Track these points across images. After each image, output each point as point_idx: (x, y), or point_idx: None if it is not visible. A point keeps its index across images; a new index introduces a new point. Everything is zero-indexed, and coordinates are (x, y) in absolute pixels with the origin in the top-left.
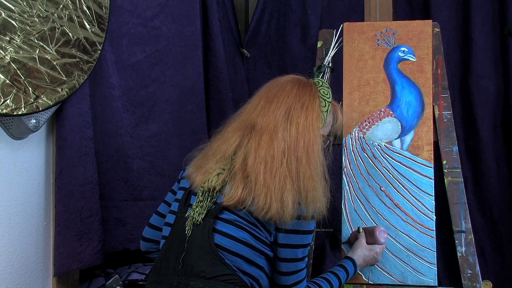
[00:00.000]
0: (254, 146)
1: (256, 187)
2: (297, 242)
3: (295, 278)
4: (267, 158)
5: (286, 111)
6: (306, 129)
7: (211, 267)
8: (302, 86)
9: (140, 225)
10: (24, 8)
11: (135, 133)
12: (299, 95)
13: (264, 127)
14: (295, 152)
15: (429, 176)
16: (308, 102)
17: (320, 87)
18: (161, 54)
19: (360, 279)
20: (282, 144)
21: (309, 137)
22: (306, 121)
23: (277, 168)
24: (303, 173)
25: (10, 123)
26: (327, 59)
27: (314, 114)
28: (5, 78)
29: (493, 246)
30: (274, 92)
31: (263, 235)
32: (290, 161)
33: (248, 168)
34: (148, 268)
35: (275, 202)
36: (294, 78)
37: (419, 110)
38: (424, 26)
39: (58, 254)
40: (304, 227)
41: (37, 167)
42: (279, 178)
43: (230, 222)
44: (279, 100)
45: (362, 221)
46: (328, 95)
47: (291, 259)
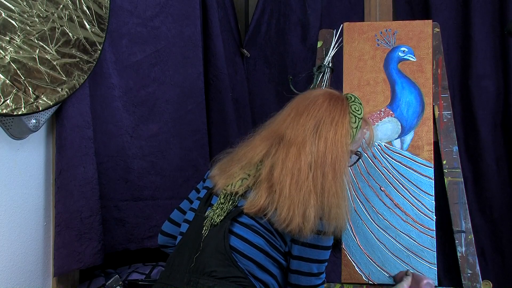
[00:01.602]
0: (281, 157)
1: (280, 199)
2: (313, 257)
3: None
4: (293, 170)
5: (315, 124)
6: (335, 145)
7: (223, 267)
8: (334, 100)
9: (140, 225)
10: (24, 8)
11: (135, 133)
12: (330, 110)
13: (292, 139)
14: (322, 167)
15: (429, 176)
16: (338, 117)
17: (352, 102)
18: (161, 54)
19: (360, 279)
20: (309, 158)
21: (337, 153)
22: (335, 136)
23: (303, 181)
24: (328, 189)
25: (10, 123)
26: (327, 59)
27: (344, 130)
28: (5, 78)
29: (493, 246)
30: (305, 104)
31: (278, 243)
32: (316, 176)
33: (274, 179)
34: (148, 268)
35: (297, 216)
36: (326, 92)
37: (419, 110)
38: (424, 26)
39: (58, 254)
40: (322, 242)
41: (37, 167)
42: (304, 192)
43: (247, 226)
44: (309, 113)
45: (362, 221)
46: (359, 111)
47: (303, 273)
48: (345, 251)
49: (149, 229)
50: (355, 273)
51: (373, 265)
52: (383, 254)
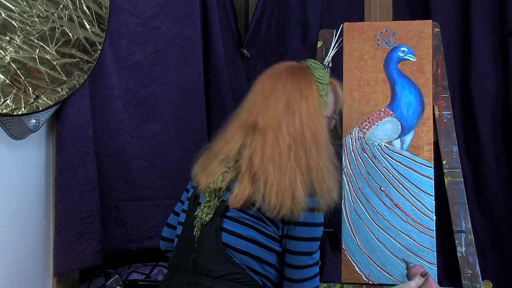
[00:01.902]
0: (259, 145)
1: (266, 187)
2: (305, 235)
3: (308, 272)
4: (274, 156)
5: (286, 103)
6: (310, 119)
7: (219, 266)
8: (297, 73)
9: (140, 225)
10: (24, 8)
11: (135, 133)
12: (296, 84)
13: (266, 124)
14: (302, 144)
15: (429, 176)
16: (306, 89)
17: (314, 70)
18: (161, 54)
19: (360, 279)
20: (288, 139)
21: (314, 126)
22: (308, 110)
23: (285, 164)
24: (313, 165)
25: (10, 123)
26: (327, 59)
27: (315, 101)
28: (5, 78)
29: (493, 246)
30: (270, 86)
31: (270, 229)
32: (298, 155)
33: (256, 168)
34: (148, 268)
35: (287, 200)
36: (286, 67)
37: (419, 110)
38: (424, 26)
39: (58, 254)
40: (315, 219)
41: (37, 167)
42: (289, 175)
43: (236, 220)
44: (276, 94)
45: (362, 221)
46: (323, 77)
47: (305, 253)
48: (345, 251)
49: (149, 229)
50: (355, 273)
51: (373, 265)
52: (383, 254)
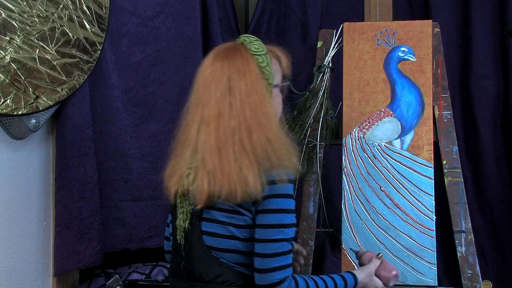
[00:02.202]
0: (205, 137)
1: (217, 178)
2: (279, 207)
3: (279, 247)
4: (219, 145)
5: (226, 87)
6: (251, 95)
7: (208, 269)
8: (232, 53)
9: (140, 225)
10: (24, 8)
11: (135, 133)
12: (232, 64)
13: (210, 114)
14: (245, 123)
15: (429, 176)
16: (244, 66)
17: (249, 44)
18: (161, 54)
19: None
20: (232, 122)
21: (255, 101)
22: (247, 87)
23: (231, 151)
24: (260, 141)
25: (10, 123)
26: (327, 59)
27: (253, 75)
28: (5, 78)
29: (493, 246)
30: (208, 73)
31: (247, 218)
32: (242, 136)
33: (206, 162)
34: (148, 268)
35: (238, 185)
36: (220, 50)
37: (419, 110)
38: (424, 26)
39: (58, 254)
40: (282, 190)
41: (37, 167)
42: (234, 159)
43: (213, 220)
44: (216, 79)
45: (362, 221)
46: (260, 48)
47: (276, 225)
48: (345, 251)
49: (149, 229)
50: None
51: None
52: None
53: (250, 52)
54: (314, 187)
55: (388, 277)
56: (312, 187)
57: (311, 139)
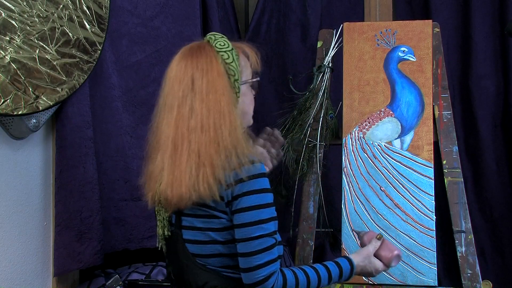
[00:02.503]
0: (165, 140)
1: (175, 183)
2: (254, 203)
3: (261, 244)
4: (175, 147)
5: (188, 86)
6: (209, 93)
7: (195, 277)
8: (195, 52)
9: (140, 225)
10: (24, 8)
11: (135, 133)
12: (195, 63)
13: (172, 116)
14: (202, 122)
15: (429, 176)
16: (206, 64)
17: (214, 41)
18: (161, 54)
19: (360, 279)
20: (192, 123)
21: (214, 99)
22: (208, 85)
23: (184, 152)
24: (214, 141)
25: (10, 123)
26: (327, 59)
27: (214, 73)
28: (5, 78)
29: (493, 246)
30: (172, 75)
31: (223, 220)
32: (197, 137)
33: (166, 164)
34: (148, 268)
35: (191, 189)
36: (185, 50)
37: (419, 110)
38: (424, 26)
39: (58, 254)
40: (253, 186)
41: (37, 167)
42: (186, 161)
43: (192, 228)
44: (179, 80)
45: (362, 221)
46: (226, 45)
47: (253, 223)
48: (345, 251)
49: (149, 229)
50: None
51: None
52: None
53: (214, 50)
54: (314, 187)
55: (389, 257)
56: (312, 187)
57: (311, 139)
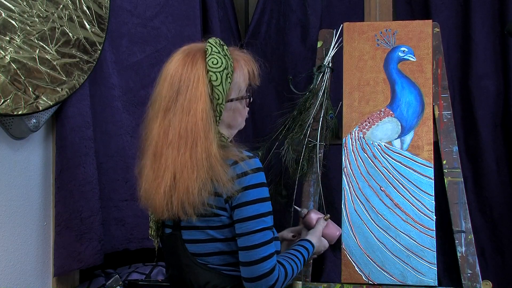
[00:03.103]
0: (148, 147)
1: (153, 192)
2: (254, 197)
3: (261, 237)
4: (156, 154)
5: (173, 98)
6: (187, 114)
7: (197, 276)
8: (190, 62)
9: (140, 225)
10: (24, 8)
11: (135, 133)
12: (187, 75)
13: (157, 124)
14: (179, 141)
15: (429, 176)
16: (193, 80)
17: (210, 56)
18: (161, 54)
19: (360, 279)
20: (170, 136)
21: (190, 120)
22: (188, 103)
23: (162, 165)
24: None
25: (10, 123)
26: (327, 59)
27: (197, 94)
28: (5, 78)
29: (493, 246)
30: (167, 74)
31: (223, 218)
32: (172, 152)
33: (148, 173)
34: (148, 268)
35: (163, 205)
36: (184, 53)
37: (419, 110)
38: (424, 26)
39: (58, 254)
40: (250, 181)
41: (37, 167)
42: (162, 175)
43: (190, 227)
44: (169, 84)
45: (362, 221)
46: (218, 64)
47: (257, 216)
48: (345, 251)
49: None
50: (355, 273)
51: (373, 265)
52: (383, 254)
53: (205, 67)
54: (314, 187)
55: (334, 236)
56: (312, 187)
57: (311, 139)
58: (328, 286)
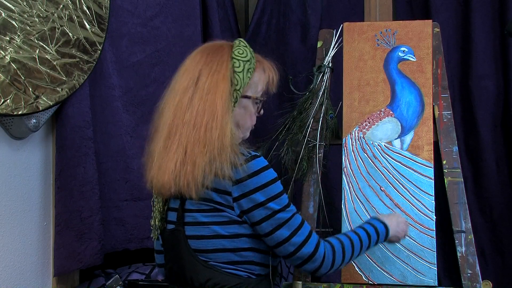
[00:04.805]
0: (162, 125)
1: (161, 169)
2: (263, 198)
3: (288, 227)
4: (169, 134)
5: (193, 81)
6: (209, 93)
7: (197, 273)
8: (214, 50)
9: (140, 225)
10: (24, 8)
11: (135, 133)
12: (208, 61)
13: (173, 102)
14: (196, 119)
15: (429, 176)
16: (217, 65)
17: (236, 47)
18: (161, 54)
19: (360, 279)
20: (187, 115)
21: (212, 100)
22: (210, 85)
23: (175, 141)
24: (202, 140)
25: (10, 123)
26: (327, 59)
27: (220, 76)
28: (5, 78)
29: (493, 246)
30: (186, 64)
31: (228, 213)
32: (188, 131)
33: (156, 150)
34: (148, 268)
35: (172, 179)
36: (207, 46)
37: (419, 110)
38: (424, 26)
39: (58, 254)
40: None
41: (37, 167)
42: (174, 151)
43: (194, 223)
44: (189, 72)
45: (362, 221)
46: (244, 54)
47: (276, 217)
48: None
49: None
50: (355, 273)
51: (373, 265)
52: (383, 254)
53: (230, 54)
54: (314, 187)
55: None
56: (312, 187)
57: (311, 139)
58: (328, 286)
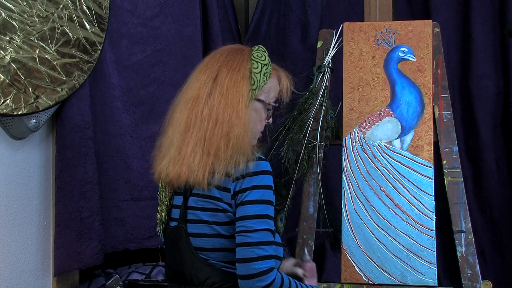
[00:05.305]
0: (179, 117)
1: (176, 163)
2: (261, 198)
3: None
4: (186, 128)
5: (212, 77)
6: (229, 90)
7: (198, 272)
8: (234, 51)
9: (140, 225)
10: (24, 8)
11: (135, 133)
12: (228, 59)
13: (191, 96)
14: (216, 114)
15: (429, 176)
16: (236, 64)
17: (255, 50)
18: (161, 54)
19: (360, 279)
20: (206, 110)
21: (232, 97)
22: (230, 82)
23: (193, 135)
24: (223, 135)
25: (10, 123)
26: (327, 59)
27: (240, 75)
28: (5, 78)
29: (493, 246)
30: (206, 61)
31: (230, 215)
32: (208, 125)
33: (173, 143)
34: (148, 268)
35: (189, 173)
36: (228, 46)
37: (419, 110)
38: (424, 26)
39: (58, 254)
40: (260, 181)
41: (37, 167)
42: (193, 146)
43: (197, 221)
44: (208, 68)
45: (362, 221)
46: (263, 58)
47: (261, 216)
48: (345, 251)
49: (149, 229)
50: (355, 273)
51: (373, 265)
52: (383, 254)
53: (250, 56)
54: (314, 187)
55: None
56: (312, 187)
57: (311, 139)
58: (328, 286)
